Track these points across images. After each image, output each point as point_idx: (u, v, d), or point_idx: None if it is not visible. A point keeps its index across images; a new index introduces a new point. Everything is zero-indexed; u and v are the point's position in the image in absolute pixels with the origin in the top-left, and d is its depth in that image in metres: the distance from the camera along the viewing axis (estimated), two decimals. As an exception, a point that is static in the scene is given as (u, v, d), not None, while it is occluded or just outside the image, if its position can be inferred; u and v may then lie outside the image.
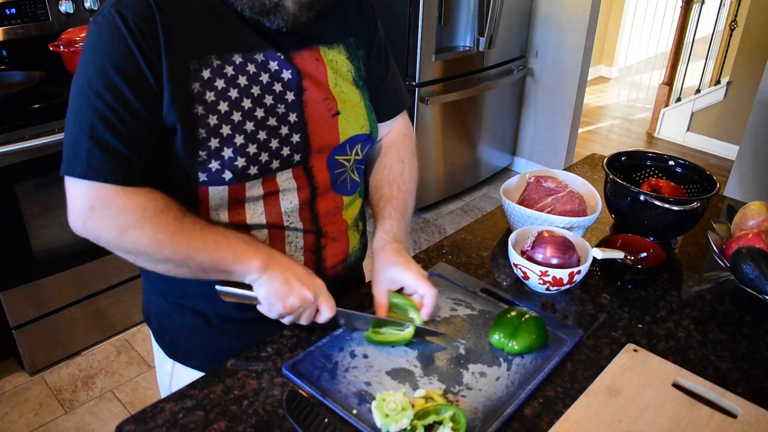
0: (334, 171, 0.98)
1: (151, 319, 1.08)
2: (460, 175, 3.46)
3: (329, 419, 0.79)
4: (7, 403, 2.05)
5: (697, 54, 4.57)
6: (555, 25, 3.40)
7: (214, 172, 0.86)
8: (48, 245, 2.02)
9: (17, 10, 2.15)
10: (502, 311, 0.96)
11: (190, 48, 0.83)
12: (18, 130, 1.84)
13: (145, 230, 0.82)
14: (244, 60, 0.87)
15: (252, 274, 0.86)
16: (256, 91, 0.88)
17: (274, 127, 0.89)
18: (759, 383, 0.89)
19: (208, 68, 0.84)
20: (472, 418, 0.79)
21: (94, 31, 0.82)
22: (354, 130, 0.98)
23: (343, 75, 0.97)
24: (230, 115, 0.86)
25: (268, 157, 0.89)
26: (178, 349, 1.06)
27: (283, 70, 0.90)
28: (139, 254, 0.85)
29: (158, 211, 0.82)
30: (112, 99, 0.80)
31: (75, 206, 0.82)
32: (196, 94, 0.83)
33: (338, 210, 1.01)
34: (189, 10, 0.84)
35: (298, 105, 0.91)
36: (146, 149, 0.83)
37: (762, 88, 2.74)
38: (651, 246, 1.15)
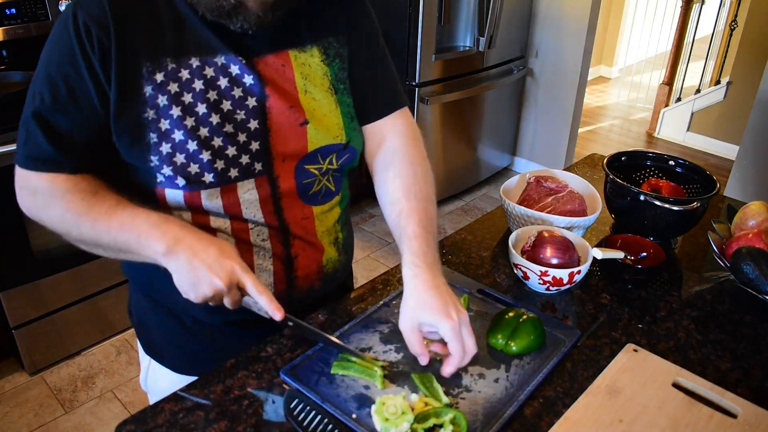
0: (302, 181, 0.92)
1: (132, 313, 1.09)
2: (460, 175, 3.46)
3: (329, 420, 0.79)
4: (7, 403, 2.05)
5: (697, 54, 4.57)
6: (555, 25, 3.40)
7: (168, 177, 0.84)
8: (48, 245, 2.02)
9: (17, 10, 2.15)
10: (499, 312, 0.96)
11: (144, 50, 0.81)
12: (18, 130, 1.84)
13: (53, 210, 0.84)
14: (202, 63, 0.84)
15: (157, 257, 0.81)
16: (212, 96, 0.84)
17: (231, 134, 0.85)
18: (759, 383, 0.89)
19: (162, 71, 0.82)
20: (473, 420, 0.79)
21: (55, 25, 0.83)
22: (326, 139, 0.92)
23: (316, 81, 0.91)
24: (183, 120, 0.83)
25: (224, 164, 0.85)
26: (153, 346, 1.05)
27: (245, 75, 0.86)
28: (61, 234, 0.87)
29: (66, 190, 0.83)
30: (48, 97, 0.81)
31: (17, 188, 0.88)
32: (148, 97, 0.81)
33: (307, 220, 0.95)
34: (149, 13, 0.81)
35: (260, 112, 0.87)
36: (76, 147, 0.83)
37: (762, 88, 2.74)
38: (651, 246, 1.15)
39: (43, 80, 0.82)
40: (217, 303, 0.82)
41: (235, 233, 0.91)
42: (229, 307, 0.83)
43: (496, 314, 0.96)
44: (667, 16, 5.11)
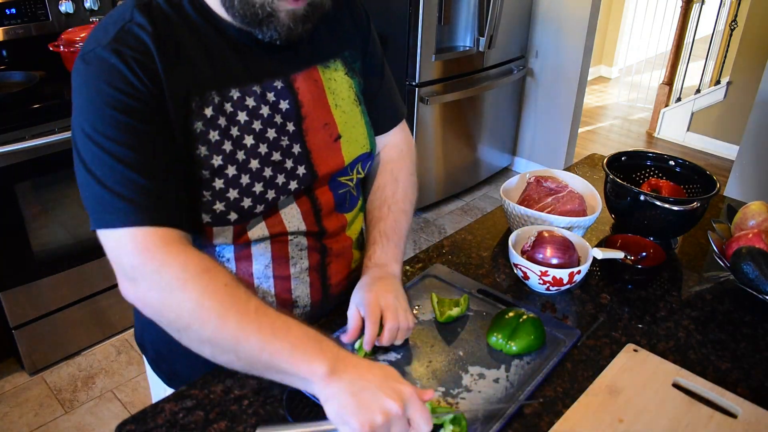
0: (338, 192, 0.95)
1: (146, 347, 1.02)
2: (460, 175, 3.46)
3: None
4: (7, 403, 2.05)
5: (697, 54, 4.56)
6: (555, 25, 3.40)
7: (219, 214, 0.81)
8: (48, 245, 2.02)
9: (17, 10, 2.15)
10: (499, 312, 0.96)
11: (190, 85, 0.77)
12: (18, 130, 1.84)
13: (187, 293, 0.70)
14: (242, 94, 0.82)
15: (314, 378, 0.69)
16: (257, 126, 0.83)
17: (279, 162, 0.85)
18: (759, 383, 0.89)
19: (210, 106, 0.79)
20: (473, 420, 0.79)
21: (86, 70, 0.74)
22: (356, 151, 0.95)
23: (343, 94, 0.93)
24: (234, 154, 0.81)
25: (275, 193, 0.85)
26: (177, 376, 0.99)
27: (281, 101, 0.85)
28: (184, 326, 0.72)
29: (204, 269, 0.71)
30: (126, 138, 0.72)
31: (122, 265, 0.73)
32: (198, 134, 0.78)
33: (342, 228, 0.98)
34: (182, 46, 0.78)
35: (299, 135, 0.87)
36: (172, 184, 0.76)
37: (762, 88, 2.74)
38: (651, 246, 1.15)
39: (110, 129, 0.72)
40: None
41: (273, 240, 0.89)
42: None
43: (496, 314, 0.96)
44: (667, 16, 5.11)
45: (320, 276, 0.97)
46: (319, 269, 0.96)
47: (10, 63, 2.21)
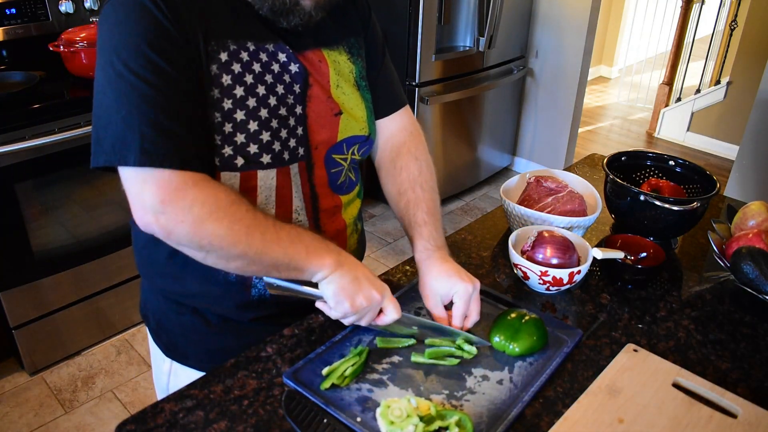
0: (331, 170, 0.97)
1: (149, 317, 1.07)
2: (460, 175, 3.46)
3: (328, 419, 0.79)
4: (7, 403, 2.05)
5: (697, 54, 4.57)
6: (555, 25, 3.40)
7: (227, 158, 0.85)
8: (48, 245, 2.02)
9: (17, 10, 2.15)
10: (501, 313, 0.96)
11: (208, 30, 0.82)
12: (18, 130, 1.84)
13: (221, 222, 0.77)
14: (257, 48, 0.87)
15: (324, 270, 0.85)
16: (269, 79, 0.87)
17: (284, 117, 0.89)
18: (759, 383, 0.89)
19: (225, 51, 0.83)
20: (478, 422, 0.79)
21: (116, 12, 0.78)
22: (353, 130, 0.98)
23: (345, 76, 0.97)
24: (245, 100, 0.85)
25: (280, 146, 0.89)
26: (175, 348, 1.05)
27: (291, 63, 0.90)
28: (213, 249, 0.79)
29: (231, 202, 0.79)
30: (155, 79, 0.75)
31: (144, 201, 0.76)
32: (213, 76, 0.82)
33: (337, 209, 1.00)
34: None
35: (302, 99, 0.91)
36: (198, 126, 0.80)
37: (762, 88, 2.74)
38: (651, 246, 1.15)
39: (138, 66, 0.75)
40: (356, 318, 0.89)
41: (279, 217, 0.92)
42: (363, 324, 0.90)
43: (498, 315, 0.96)
44: (667, 16, 5.11)
45: None
46: None
47: (10, 63, 2.21)
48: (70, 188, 2.03)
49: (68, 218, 2.06)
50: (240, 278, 0.95)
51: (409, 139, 1.10)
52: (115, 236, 2.19)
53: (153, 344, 1.09)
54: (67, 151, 1.95)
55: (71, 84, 2.09)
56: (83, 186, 2.06)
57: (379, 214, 3.19)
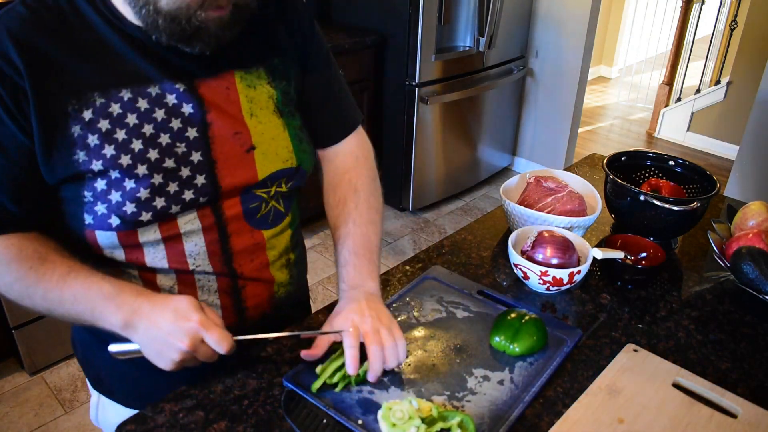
0: (249, 206, 0.88)
1: (77, 348, 1.03)
2: (460, 175, 3.46)
3: (327, 420, 0.78)
4: (7, 403, 2.05)
5: (697, 54, 4.57)
6: (555, 25, 3.40)
7: (100, 216, 0.78)
8: (48, 245, 2.02)
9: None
10: (501, 313, 0.96)
11: (67, 87, 0.75)
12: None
13: (3, 278, 0.80)
14: (134, 95, 0.78)
15: (116, 330, 0.77)
16: (148, 131, 0.78)
17: (172, 169, 0.80)
18: (759, 383, 0.89)
19: (90, 108, 0.75)
20: (479, 423, 0.79)
21: None
22: (275, 165, 0.88)
23: (262, 103, 0.87)
24: (117, 158, 0.77)
25: (165, 202, 0.80)
26: (101, 382, 1.00)
27: (183, 104, 0.80)
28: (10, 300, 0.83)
29: (11, 259, 0.78)
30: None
31: None
32: (76, 138, 0.75)
33: (258, 247, 0.91)
34: (64, 45, 0.75)
35: (204, 142, 0.81)
36: (17, 196, 0.77)
37: (762, 88, 2.74)
38: (651, 246, 1.15)
39: None
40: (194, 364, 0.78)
41: (175, 268, 0.85)
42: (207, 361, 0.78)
43: (497, 315, 0.96)
44: (667, 16, 5.11)
45: (233, 299, 0.91)
46: (231, 293, 0.90)
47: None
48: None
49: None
50: None
51: (353, 166, 1.02)
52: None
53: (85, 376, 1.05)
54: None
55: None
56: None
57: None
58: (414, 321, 0.98)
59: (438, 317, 0.99)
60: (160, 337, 0.75)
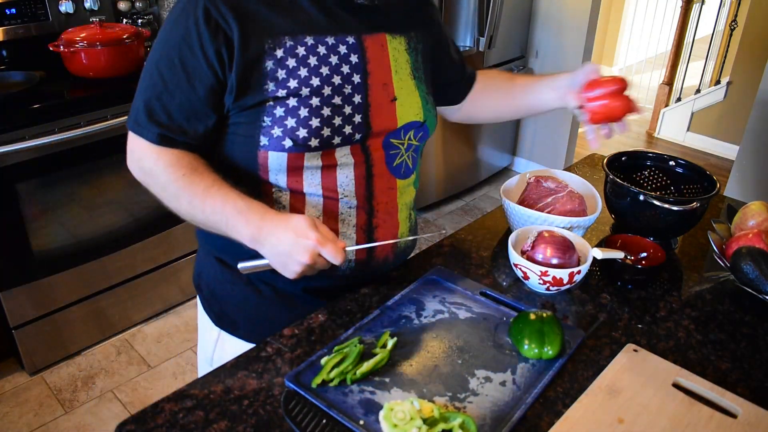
0: (390, 152, 1.01)
1: (202, 286, 1.13)
2: (460, 175, 3.46)
3: (328, 420, 0.79)
4: (7, 403, 2.05)
5: (697, 54, 4.56)
6: (555, 25, 3.40)
7: (275, 138, 0.91)
8: (48, 245, 2.02)
9: (17, 10, 2.15)
10: (517, 318, 0.94)
11: (265, 28, 0.89)
12: (18, 130, 1.84)
13: (156, 179, 0.93)
14: (316, 42, 0.93)
15: (244, 242, 0.90)
16: (325, 71, 0.93)
17: (339, 106, 0.94)
18: (759, 383, 0.89)
19: (281, 48, 0.90)
20: (481, 425, 0.79)
21: (174, 10, 0.91)
22: (409, 116, 1.02)
23: (402, 64, 1.02)
24: (299, 90, 0.91)
25: (330, 132, 0.93)
26: (226, 317, 1.10)
27: (351, 54, 0.95)
28: (165, 202, 0.95)
29: (168, 164, 0.92)
30: (169, 76, 0.90)
31: (128, 152, 0.97)
32: (268, 71, 0.90)
33: (391, 191, 1.03)
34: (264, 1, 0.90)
35: (363, 88, 0.96)
36: (192, 125, 0.92)
37: (762, 88, 2.74)
38: (651, 246, 1.15)
39: (158, 59, 0.90)
40: (312, 271, 0.90)
41: (326, 195, 0.98)
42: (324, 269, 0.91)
43: (513, 322, 0.94)
44: (667, 16, 5.11)
45: (366, 237, 1.03)
46: (366, 229, 1.02)
47: (10, 63, 2.21)
48: (70, 188, 2.03)
49: (68, 218, 2.06)
50: None
51: None
52: (115, 236, 2.19)
53: (203, 314, 1.15)
54: (67, 151, 1.95)
55: (71, 84, 2.09)
56: (83, 186, 2.06)
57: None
58: (416, 321, 0.98)
59: (440, 318, 0.99)
60: (284, 252, 0.87)
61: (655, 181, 1.36)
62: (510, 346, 0.93)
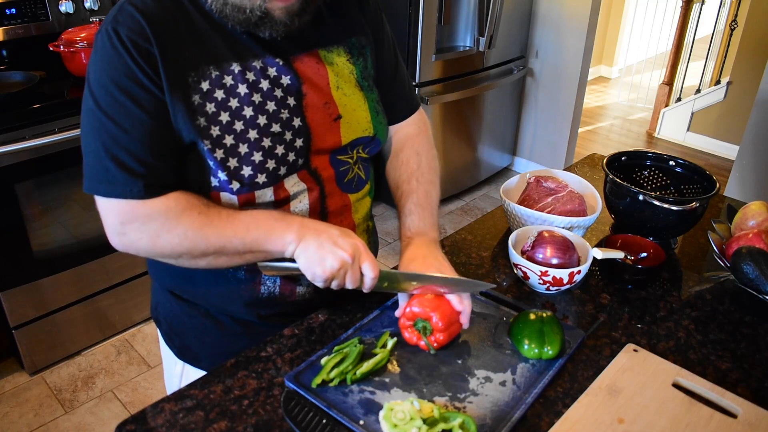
0: (339, 169, 0.98)
1: (161, 320, 1.08)
2: (460, 175, 3.46)
3: (328, 420, 0.79)
4: (7, 403, 2.05)
5: (697, 54, 4.56)
6: (555, 25, 3.40)
7: (222, 182, 0.87)
8: (48, 245, 2.02)
9: (17, 10, 2.15)
10: (517, 318, 0.94)
11: (187, 61, 0.84)
12: (18, 130, 1.84)
13: (174, 232, 0.84)
14: (243, 68, 0.87)
15: (289, 246, 0.87)
16: (257, 99, 0.88)
17: (278, 133, 0.89)
18: (759, 383, 0.89)
19: (207, 80, 0.85)
20: (481, 425, 0.79)
21: (95, 49, 0.84)
22: (356, 133, 0.98)
23: (345, 77, 0.97)
24: (232, 125, 0.86)
25: (275, 164, 0.89)
26: (188, 350, 1.06)
27: (282, 76, 0.90)
28: (177, 255, 0.87)
29: (181, 210, 0.85)
30: (121, 118, 0.82)
31: (108, 223, 0.86)
32: (197, 106, 0.84)
33: (346, 209, 1.00)
34: (185, 24, 0.85)
35: (299, 110, 0.91)
36: (163, 158, 0.84)
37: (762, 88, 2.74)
38: (651, 246, 1.15)
39: (107, 106, 0.82)
40: (339, 284, 0.88)
41: None
42: (349, 286, 0.88)
43: (513, 322, 0.94)
44: (667, 16, 5.11)
45: None
46: None
47: (10, 63, 2.21)
48: (70, 188, 2.03)
49: (68, 218, 2.06)
50: (249, 275, 0.95)
51: (415, 134, 1.13)
52: (115, 236, 2.19)
53: (165, 347, 1.10)
54: (67, 151, 1.95)
55: (71, 84, 2.09)
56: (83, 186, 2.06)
57: (379, 214, 3.19)
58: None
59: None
60: (329, 243, 0.85)
61: (655, 181, 1.36)
62: (510, 346, 0.93)
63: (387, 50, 1.07)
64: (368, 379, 0.85)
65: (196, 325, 1.03)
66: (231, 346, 1.00)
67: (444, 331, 0.89)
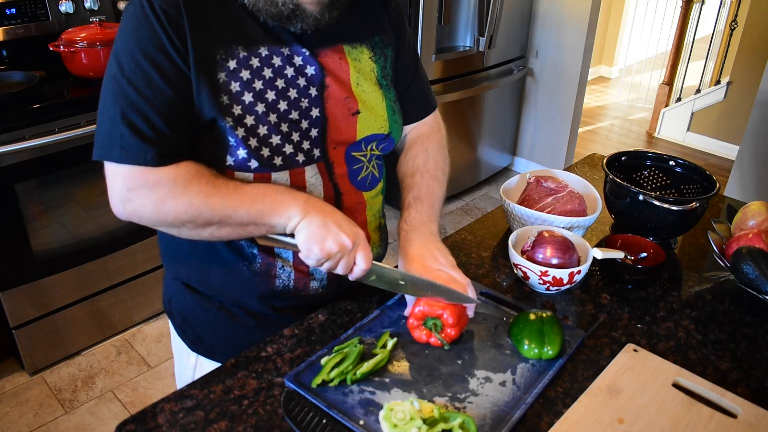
0: (353, 167, 0.98)
1: (174, 313, 1.09)
2: (460, 175, 3.46)
3: (327, 420, 0.79)
4: (7, 403, 2.05)
5: (697, 54, 4.56)
6: (555, 25, 3.40)
7: (241, 159, 0.88)
8: (48, 245, 2.02)
9: (17, 10, 2.15)
10: (516, 318, 0.94)
11: (217, 38, 0.86)
12: (18, 130, 1.84)
13: (180, 199, 0.84)
14: (270, 53, 0.89)
15: (292, 220, 0.87)
16: (280, 84, 0.90)
17: (296, 121, 0.91)
18: (759, 383, 0.89)
19: (234, 59, 0.87)
20: (481, 425, 0.79)
21: (125, 18, 0.85)
22: (372, 129, 0.99)
23: (366, 74, 0.99)
24: (254, 105, 0.88)
25: (293, 149, 0.91)
26: (202, 343, 1.07)
27: (307, 66, 0.92)
28: (180, 224, 0.87)
29: (190, 178, 0.85)
30: (143, 85, 0.82)
31: (114, 191, 0.85)
32: (221, 83, 0.86)
33: (360, 206, 1.01)
34: (218, 3, 0.86)
35: (320, 101, 0.93)
36: (179, 129, 0.85)
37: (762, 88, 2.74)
38: (651, 246, 1.15)
39: (131, 73, 0.83)
40: (331, 267, 0.88)
41: None
42: (339, 272, 0.89)
43: (513, 321, 0.94)
44: (667, 16, 5.11)
45: None
46: None
47: (10, 63, 2.21)
48: (70, 188, 2.03)
49: (68, 218, 2.06)
50: (264, 268, 0.96)
51: (426, 134, 1.14)
52: (116, 236, 2.19)
53: (177, 339, 1.11)
54: (67, 151, 1.95)
55: (71, 84, 2.09)
56: (83, 186, 2.06)
57: (379, 214, 3.19)
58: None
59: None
60: (334, 225, 0.86)
61: (655, 181, 1.36)
62: (510, 346, 0.93)
63: (407, 51, 1.09)
64: (368, 379, 0.85)
65: (210, 317, 1.04)
66: (245, 339, 1.01)
67: (455, 326, 0.90)
